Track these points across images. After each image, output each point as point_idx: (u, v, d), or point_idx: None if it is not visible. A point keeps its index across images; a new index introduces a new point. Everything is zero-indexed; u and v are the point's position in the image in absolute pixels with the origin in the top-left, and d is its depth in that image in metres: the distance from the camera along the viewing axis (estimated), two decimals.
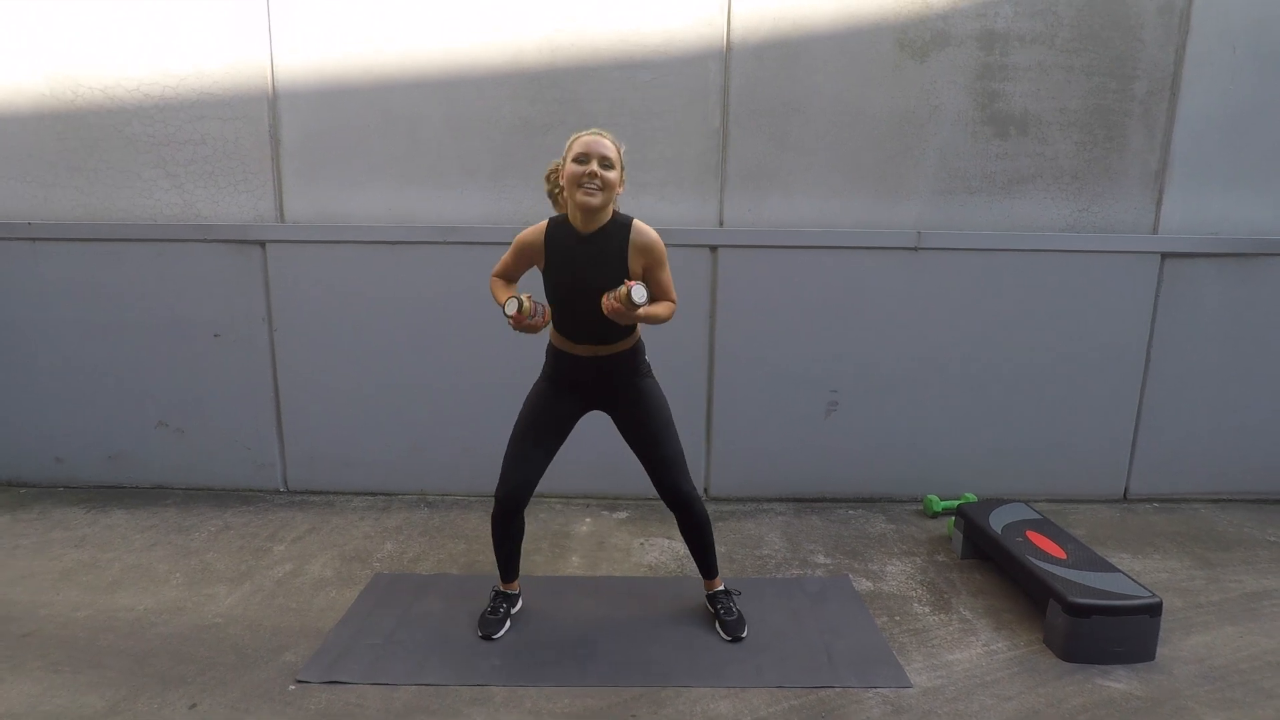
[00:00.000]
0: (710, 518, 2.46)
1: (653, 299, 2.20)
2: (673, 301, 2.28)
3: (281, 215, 3.37)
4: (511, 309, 2.16)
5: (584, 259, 2.19)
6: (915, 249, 3.35)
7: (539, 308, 2.23)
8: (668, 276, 2.26)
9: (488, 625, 2.43)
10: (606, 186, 2.13)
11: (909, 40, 3.23)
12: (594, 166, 2.10)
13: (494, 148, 3.30)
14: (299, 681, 2.20)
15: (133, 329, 3.45)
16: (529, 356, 2.59)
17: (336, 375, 3.46)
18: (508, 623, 2.48)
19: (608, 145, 2.14)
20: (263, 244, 3.36)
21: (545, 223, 2.28)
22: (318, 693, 2.16)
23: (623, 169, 2.20)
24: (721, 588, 2.55)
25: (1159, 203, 3.39)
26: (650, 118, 3.26)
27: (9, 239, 3.38)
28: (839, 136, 3.31)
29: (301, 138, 3.31)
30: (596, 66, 3.23)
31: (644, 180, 3.31)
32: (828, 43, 3.23)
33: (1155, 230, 3.41)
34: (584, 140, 2.14)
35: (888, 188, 3.35)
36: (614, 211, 2.23)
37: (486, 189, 3.34)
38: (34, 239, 3.38)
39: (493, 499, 2.41)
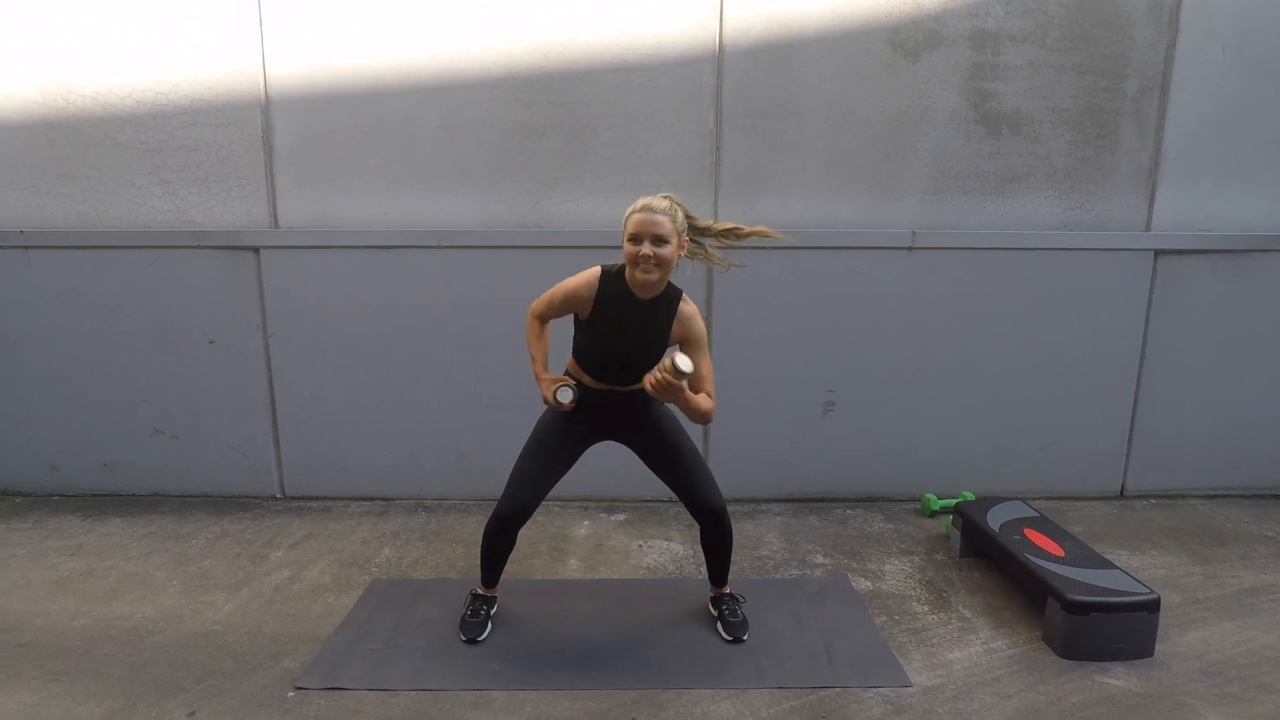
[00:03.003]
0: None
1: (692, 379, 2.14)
2: (711, 396, 2.21)
3: (275, 221, 3.37)
4: (565, 398, 2.26)
5: (632, 322, 2.22)
6: (910, 249, 3.35)
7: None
8: (707, 365, 2.22)
9: (470, 629, 2.44)
10: (662, 264, 2.13)
11: (901, 40, 3.24)
12: (646, 249, 2.11)
13: (489, 151, 3.30)
14: (298, 688, 2.19)
15: (127, 336, 3.44)
16: (525, 361, 2.58)
17: (332, 380, 3.45)
18: (489, 624, 2.48)
19: (660, 222, 2.12)
20: (257, 250, 3.35)
21: (598, 275, 2.24)
22: (317, 699, 2.15)
23: (682, 231, 2.18)
24: (729, 592, 2.56)
25: (1151, 200, 3.40)
26: (644, 120, 3.27)
27: (1, 247, 3.37)
28: (832, 137, 3.31)
29: (295, 143, 3.30)
30: (590, 70, 3.24)
31: (639, 183, 3.31)
32: (820, 44, 3.24)
33: (1148, 228, 3.42)
34: (636, 219, 2.13)
35: (882, 188, 3.36)
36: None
37: (482, 192, 3.33)
38: (26, 246, 3.37)
39: (490, 504, 2.41)
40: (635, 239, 2.13)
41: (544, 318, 2.37)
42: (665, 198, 2.18)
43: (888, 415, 3.50)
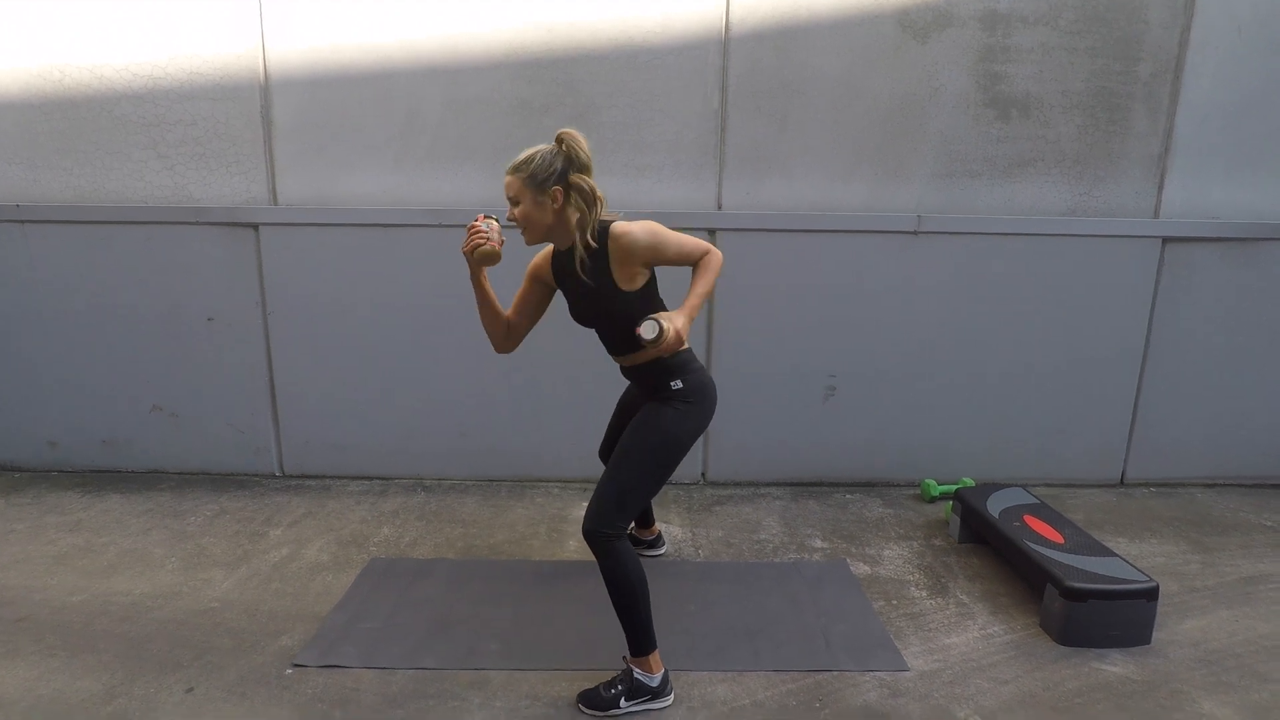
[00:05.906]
0: (630, 581, 2.00)
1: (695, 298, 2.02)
2: (705, 251, 2.06)
3: (274, 197, 3.33)
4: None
5: (584, 284, 2.10)
6: (915, 232, 3.32)
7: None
8: (676, 242, 2.04)
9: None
10: (525, 224, 2.06)
11: (910, 21, 3.19)
12: (509, 211, 2.08)
13: (492, 129, 3.26)
14: (296, 665, 2.20)
15: (125, 312, 3.41)
16: (528, 340, 2.56)
17: (331, 359, 3.44)
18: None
19: (509, 183, 2.05)
20: (255, 226, 3.32)
21: (552, 247, 2.22)
22: (314, 676, 2.16)
23: (545, 180, 2.01)
24: (626, 662, 2.10)
25: (1160, 187, 3.36)
26: (649, 100, 3.22)
27: None
28: (839, 119, 3.27)
29: (294, 118, 3.26)
30: (595, 48, 3.19)
31: (642, 163, 3.27)
32: (828, 23, 3.19)
33: (1156, 214, 3.38)
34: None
35: (888, 170, 3.32)
36: (593, 221, 2.05)
37: (485, 171, 3.29)
38: (23, 221, 3.33)
39: (489, 484, 2.37)
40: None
41: (513, 312, 2.31)
42: (536, 148, 2.05)
43: (889, 400, 3.48)
